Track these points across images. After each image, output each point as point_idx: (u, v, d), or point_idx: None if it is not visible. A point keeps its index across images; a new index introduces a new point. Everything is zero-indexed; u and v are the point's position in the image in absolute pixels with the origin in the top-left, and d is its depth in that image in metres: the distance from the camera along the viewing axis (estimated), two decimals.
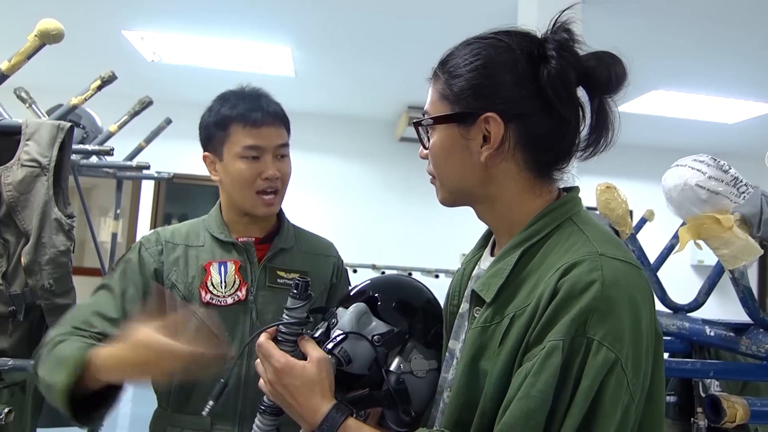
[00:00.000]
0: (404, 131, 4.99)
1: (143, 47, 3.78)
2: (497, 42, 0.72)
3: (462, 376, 0.69)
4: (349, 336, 0.78)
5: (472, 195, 0.75)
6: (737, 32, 3.11)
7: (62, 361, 0.87)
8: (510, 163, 0.71)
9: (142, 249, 1.11)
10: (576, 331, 0.59)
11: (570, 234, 0.69)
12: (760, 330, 1.19)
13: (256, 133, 1.08)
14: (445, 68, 0.74)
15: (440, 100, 0.74)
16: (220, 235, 1.14)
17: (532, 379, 0.60)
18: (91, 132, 2.35)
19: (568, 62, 0.68)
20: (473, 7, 2.94)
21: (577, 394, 0.59)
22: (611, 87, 0.70)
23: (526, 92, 0.69)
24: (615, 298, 0.60)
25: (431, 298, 0.90)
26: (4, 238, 1.34)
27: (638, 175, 5.32)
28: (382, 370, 0.77)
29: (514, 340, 0.64)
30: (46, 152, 1.35)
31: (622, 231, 1.39)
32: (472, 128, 0.71)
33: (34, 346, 1.38)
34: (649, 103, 4.35)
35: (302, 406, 0.71)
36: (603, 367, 0.58)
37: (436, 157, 0.75)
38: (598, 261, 0.63)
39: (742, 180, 1.09)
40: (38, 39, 1.34)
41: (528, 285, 0.67)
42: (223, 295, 1.08)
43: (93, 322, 1.00)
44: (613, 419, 0.59)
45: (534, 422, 0.59)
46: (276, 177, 1.09)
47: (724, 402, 0.94)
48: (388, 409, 0.77)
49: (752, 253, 1.08)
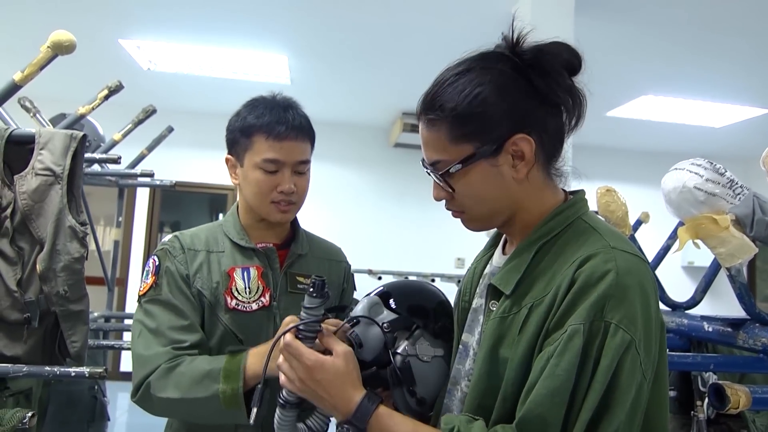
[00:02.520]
0: (399, 137, 5.03)
1: (140, 56, 3.80)
2: (486, 69, 0.75)
3: (483, 363, 0.73)
4: (361, 321, 0.84)
5: (504, 215, 0.79)
6: (725, 38, 3.19)
7: (214, 374, 0.94)
8: (535, 169, 0.76)
9: (171, 255, 1.10)
10: (595, 316, 0.65)
11: (583, 231, 0.74)
12: (756, 324, 1.24)
13: (278, 146, 1.07)
14: (445, 111, 0.74)
15: (453, 143, 0.74)
16: (240, 241, 1.14)
17: (556, 360, 0.65)
18: (93, 140, 2.37)
19: (550, 58, 0.74)
20: (467, 14, 3.00)
21: (597, 372, 0.64)
22: (578, 68, 0.76)
23: (535, 101, 0.74)
24: (628, 286, 0.66)
25: (444, 300, 0.96)
26: (18, 246, 1.35)
27: (629, 178, 5.41)
28: (389, 352, 0.83)
29: (534, 327, 0.69)
30: (59, 161, 1.37)
31: (622, 232, 1.43)
32: (500, 156, 0.74)
33: (48, 353, 1.40)
34: (638, 108, 4.44)
35: (335, 398, 0.74)
36: (620, 347, 0.64)
37: (469, 197, 0.77)
38: (611, 253, 0.68)
39: (737, 182, 1.14)
40: (51, 50, 1.36)
41: (545, 278, 0.72)
42: (248, 300, 1.08)
43: (180, 338, 1.01)
44: (629, 395, 0.64)
45: (559, 399, 0.64)
46: (291, 192, 1.09)
47: (728, 389, 0.99)
48: (394, 388, 0.82)
49: (748, 252, 1.13)
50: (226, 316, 1.07)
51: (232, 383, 0.94)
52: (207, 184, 5.17)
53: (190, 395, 0.95)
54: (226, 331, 1.07)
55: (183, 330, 1.03)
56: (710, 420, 1.36)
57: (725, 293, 1.26)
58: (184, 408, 0.98)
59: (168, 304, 1.05)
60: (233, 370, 0.95)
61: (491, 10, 2.91)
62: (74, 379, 1.78)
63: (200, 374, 0.95)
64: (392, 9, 3.00)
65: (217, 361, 0.97)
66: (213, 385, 0.94)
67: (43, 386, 1.61)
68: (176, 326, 1.03)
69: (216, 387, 0.94)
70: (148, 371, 0.98)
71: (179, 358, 0.99)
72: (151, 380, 0.98)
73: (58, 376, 1.31)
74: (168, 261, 1.09)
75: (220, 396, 0.93)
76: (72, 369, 1.31)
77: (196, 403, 0.95)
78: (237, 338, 1.07)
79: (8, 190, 1.35)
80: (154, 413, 1.02)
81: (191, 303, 1.06)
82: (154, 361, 0.99)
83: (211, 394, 0.94)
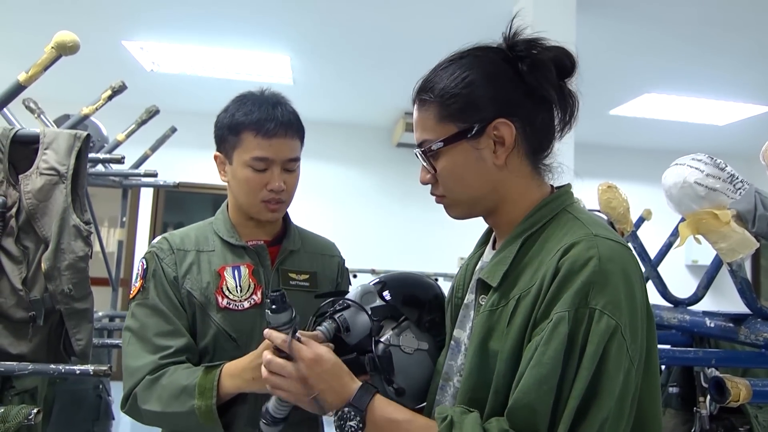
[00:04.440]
0: (401, 137, 5.04)
1: (143, 57, 3.81)
2: (477, 57, 0.78)
3: (474, 357, 0.74)
4: (351, 306, 0.85)
5: (486, 203, 0.80)
6: (728, 36, 3.18)
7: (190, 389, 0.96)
8: (517, 158, 0.78)
9: (158, 258, 1.10)
10: (579, 303, 0.65)
11: (566, 221, 0.75)
12: (758, 320, 1.24)
13: (267, 144, 1.06)
14: (435, 92, 0.78)
15: (440, 123, 0.77)
16: (230, 239, 1.13)
17: (543, 348, 0.65)
18: (96, 141, 2.38)
19: (540, 53, 0.76)
20: (468, 16, 3.00)
21: (584, 359, 0.64)
22: (571, 70, 0.78)
23: (521, 91, 0.76)
24: (610, 272, 0.67)
25: (439, 294, 0.96)
26: (23, 245, 1.36)
27: (632, 176, 5.40)
28: (372, 339, 0.84)
29: (522, 318, 0.70)
30: (64, 160, 1.39)
31: (623, 228, 1.44)
32: (481, 138, 0.76)
33: (52, 351, 1.41)
34: (641, 106, 4.43)
35: (334, 387, 0.76)
36: (606, 333, 0.64)
37: (450, 177, 0.79)
38: (593, 240, 0.69)
39: (738, 177, 1.14)
40: (55, 51, 1.37)
41: (531, 269, 0.73)
42: (240, 299, 1.08)
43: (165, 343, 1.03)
44: (617, 381, 0.64)
45: (547, 387, 0.64)
46: (281, 189, 1.09)
47: (728, 382, 0.99)
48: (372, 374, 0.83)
49: (749, 247, 1.13)
50: (218, 315, 1.06)
51: (206, 399, 0.95)
52: (210, 184, 5.18)
53: (170, 409, 0.97)
54: (218, 331, 1.06)
55: (168, 335, 1.04)
56: (713, 416, 1.36)
57: (728, 290, 1.26)
58: (167, 420, 1.01)
59: (154, 309, 1.06)
60: (207, 387, 0.96)
61: (494, 9, 2.91)
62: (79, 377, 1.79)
63: (178, 389, 0.98)
64: (394, 9, 3.01)
65: (194, 376, 0.99)
66: (189, 401, 0.96)
67: (49, 385, 1.62)
68: (162, 332, 1.04)
69: (192, 402, 0.96)
70: (134, 382, 1.01)
71: (163, 368, 1.01)
72: (137, 392, 1.00)
73: (63, 374, 1.32)
74: (155, 264, 1.09)
75: (196, 411, 0.96)
76: (77, 367, 1.32)
77: (176, 416, 0.98)
78: (230, 337, 1.06)
79: (13, 189, 1.37)
80: (144, 423, 1.04)
81: (178, 307, 1.07)
82: (140, 372, 1.01)
83: (188, 409, 0.96)
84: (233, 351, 1.06)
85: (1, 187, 1.36)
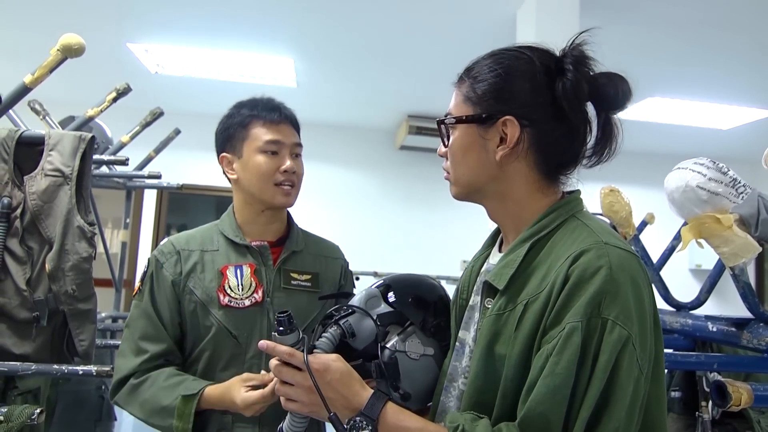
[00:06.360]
0: (404, 140, 5.04)
1: (147, 59, 3.83)
2: (519, 54, 0.79)
3: (479, 361, 0.74)
4: (356, 312, 0.85)
5: (484, 191, 0.81)
6: (732, 39, 3.18)
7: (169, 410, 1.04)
8: (522, 163, 0.78)
9: (158, 263, 1.16)
10: (592, 313, 0.65)
11: (575, 228, 0.75)
12: (760, 324, 1.23)
13: (275, 129, 1.16)
14: (471, 73, 0.81)
15: (464, 102, 0.81)
16: (234, 238, 1.17)
17: (555, 358, 0.65)
18: (101, 142, 2.40)
19: (582, 76, 0.76)
20: (472, 19, 3.01)
21: (596, 369, 0.64)
22: (618, 103, 0.77)
23: (542, 100, 0.76)
24: (621, 281, 0.67)
25: (443, 296, 0.96)
26: (28, 246, 1.37)
27: (636, 180, 5.38)
28: (378, 345, 0.84)
29: (530, 324, 0.70)
30: (68, 162, 1.40)
31: (626, 232, 1.44)
32: (490, 129, 0.78)
33: (56, 351, 1.42)
34: (645, 110, 4.42)
35: (345, 396, 0.75)
36: (618, 343, 0.65)
37: (454, 153, 0.82)
38: (604, 249, 0.69)
39: (740, 181, 1.14)
40: (60, 53, 1.38)
41: (539, 274, 0.73)
42: (241, 297, 1.12)
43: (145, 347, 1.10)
44: (628, 390, 0.65)
45: (560, 396, 0.64)
46: (293, 171, 1.16)
47: (730, 387, 0.98)
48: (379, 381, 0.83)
49: (751, 251, 1.13)
50: (219, 312, 1.11)
51: (184, 423, 1.02)
52: (214, 186, 5.19)
53: (151, 420, 1.07)
54: (220, 328, 1.10)
55: (149, 339, 1.11)
56: (715, 420, 1.36)
57: (731, 294, 1.26)
58: (149, 425, 1.10)
59: (144, 311, 1.13)
60: (186, 413, 1.03)
61: (497, 11, 2.91)
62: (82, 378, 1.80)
63: (159, 407, 1.05)
64: (397, 12, 3.02)
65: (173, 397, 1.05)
66: (169, 419, 1.04)
67: (51, 386, 1.63)
68: (145, 335, 1.11)
69: (171, 421, 1.03)
70: (117, 378, 1.11)
71: (144, 374, 1.09)
72: (121, 393, 1.10)
73: (66, 374, 1.33)
74: (153, 268, 1.16)
75: (174, 429, 1.03)
76: (80, 367, 1.33)
77: (157, 426, 1.07)
78: (231, 334, 1.10)
79: (18, 190, 1.38)
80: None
81: (168, 312, 1.12)
82: (120, 372, 1.11)
83: (168, 425, 1.04)
84: (234, 348, 1.10)
85: (6, 188, 1.37)
